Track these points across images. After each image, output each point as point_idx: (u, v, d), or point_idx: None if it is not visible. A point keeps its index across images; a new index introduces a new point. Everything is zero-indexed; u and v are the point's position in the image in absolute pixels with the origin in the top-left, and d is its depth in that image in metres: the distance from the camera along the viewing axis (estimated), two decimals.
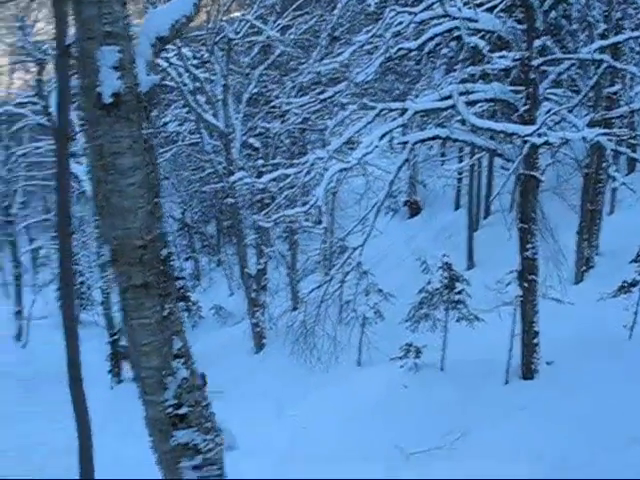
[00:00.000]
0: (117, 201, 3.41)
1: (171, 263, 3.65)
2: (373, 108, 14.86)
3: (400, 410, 14.78)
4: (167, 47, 3.92)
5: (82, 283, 33.08)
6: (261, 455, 12.30)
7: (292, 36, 22.47)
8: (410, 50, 14.52)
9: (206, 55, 22.33)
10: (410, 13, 13.30)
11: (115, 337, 23.54)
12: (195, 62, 21.81)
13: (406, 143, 14.39)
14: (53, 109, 24.05)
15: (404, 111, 14.34)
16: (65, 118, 6.48)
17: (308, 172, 15.22)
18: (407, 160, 14.80)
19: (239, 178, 18.16)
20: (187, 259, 35.23)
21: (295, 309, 20.80)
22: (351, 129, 15.22)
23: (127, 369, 23.71)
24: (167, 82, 21.15)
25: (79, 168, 24.01)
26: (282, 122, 20.82)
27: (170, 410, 3.83)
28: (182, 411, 3.85)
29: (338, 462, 12.50)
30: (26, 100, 27.96)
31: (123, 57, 3.31)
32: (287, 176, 16.06)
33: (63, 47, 6.55)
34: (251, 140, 23.19)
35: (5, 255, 40.14)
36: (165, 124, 26.36)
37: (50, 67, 25.24)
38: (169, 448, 3.94)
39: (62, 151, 6.28)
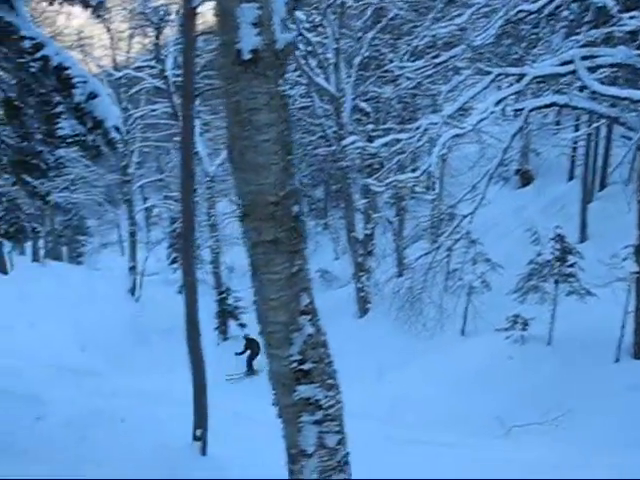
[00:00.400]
0: (251, 157, 3.45)
1: (301, 220, 3.68)
2: (489, 73, 14.46)
3: (503, 382, 14.59)
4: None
5: None
6: (361, 417, 12.42)
7: None
8: (530, 12, 14.02)
9: (318, 19, 22.28)
10: None
11: (223, 296, 24.25)
12: (307, 25, 21.81)
13: (521, 110, 13.95)
14: (169, 72, 24.74)
15: (521, 77, 13.87)
16: (190, 77, 6.64)
17: (420, 137, 15.04)
18: (522, 128, 14.37)
19: (351, 142, 18.15)
20: None
21: (401, 275, 20.75)
22: (466, 94, 14.89)
23: (233, 327, 24.47)
24: None
25: None
26: (394, 86, 20.57)
27: (294, 365, 3.89)
28: (306, 367, 3.90)
29: (436, 430, 12.50)
30: (144, 64, 28.85)
31: (262, 14, 3.32)
32: (398, 141, 15.91)
33: (189, 8, 6.71)
34: (362, 104, 23.08)
35: (121, 213, 41.90)
36: None
37: (167, 31, 25.94)
38: (291, 402, 4.00)
39: (187, 109, 6.46)
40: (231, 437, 9.30)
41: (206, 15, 15.40)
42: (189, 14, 6.41)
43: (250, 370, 21.23)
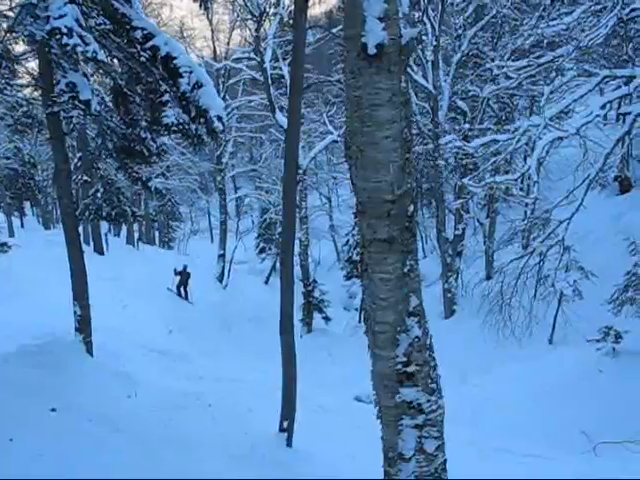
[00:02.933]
0: (371, 153, 3.40)
1: (415, 220, 3.61)
2: (595, 75, 13.98)
3: (591, 396, 14.08)
4: None
5: (281, 233, 34.57)
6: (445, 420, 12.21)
7: None
8: None
9: (417, 14, 22.04)
10: None
11: (309, 288, 24.38)
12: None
13: (628, 114, 13.45)
14: (267, 64, 25.00)
15: (630, 79, 13.37)
16: (300, 70, 6.65)
17: (519, 139, 14.69)
18: (627, 133, 13.86)
19: (449, 141, 17.87)
20: None
21: (489, 278, 20.34)
22: (570, 96, 14.45)
23: (317, 319, 24.58)
24: None
25: (285, 121, 24.85)
26: (493, 86, 20.17)
27: (399, 367, 3.83)
28: (410, 369, 3.84)
29: (519, 439, 12.18)
30: (243, 56, 29.27)
31: (389, 8, 3.27)
32: (496, 142, 15.59)
33: (301, 2, 6.72)
34: (459, 103, 22.72)
35: (213, 201, 42.76)
36: None
37: (267, 25, 26.20)
38: (393, 404, 3.95)
39: (294, 102, 6.48)
40: (316, 430, 9.31)
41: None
42: (301, 7, 6.42)
43: (179, 295, 25.00)
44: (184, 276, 24.98)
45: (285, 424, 8.34)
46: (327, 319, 24.14)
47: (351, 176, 3.60)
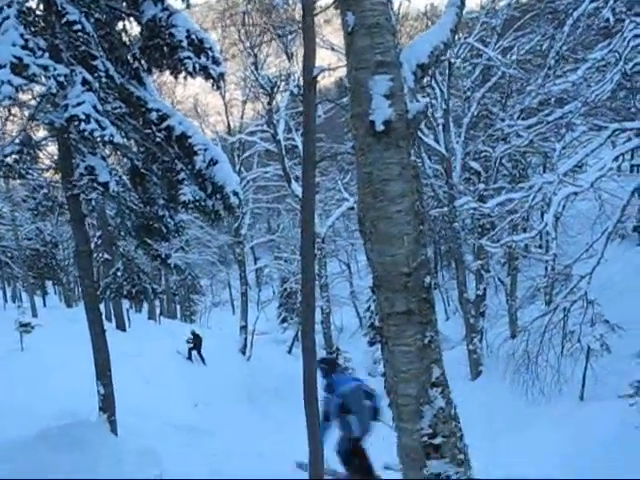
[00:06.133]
0: (384, 228, 3.44)
1: (432, 291, 3.61)
2: (605, 128, 14.09)
3: (630, 454, 13.67)
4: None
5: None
6: None
7: (514, 57, 21.94)
8: None
9: (425, 80, 22.43)
10: None
11: (333, 356, 24.18)
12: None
13: None
14: (281, 136, 25.45)
15: None
16: (312, 143, 6.78)
17: (534, 196, 14.73)
18: None
19: (464, 202, 17.94)
20: None
21: (514, 337, 20.08)
22: (582, 151, 14.53)
23: None
24: None
25: (300, 190, 25.11)
26: (505, 145, 20.32)
27: (425, 439, 3.78)
28: (437, 441, 3.78)
29: None
30: (256, 128, 29.87)
31: (394, 85, 3.35)
32: (511, 200, 15.63)
33: (310, 78, 6.90)
34: (472, 163, 22.89)
35: (232, 272, 42.95)
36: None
37: (278, 98, 26.81)
38: (421, 477, 3.88)
39: (308, 174, 6.59)
40: None
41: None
42: (310, 83, 6.59)
43: (189, 359, 25.66)
44: (197, 340, 25.85)
45: None
46: None
47: (366, 251, 3.63)
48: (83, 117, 8.13)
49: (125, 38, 10.27)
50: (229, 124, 34.13)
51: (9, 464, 8.81)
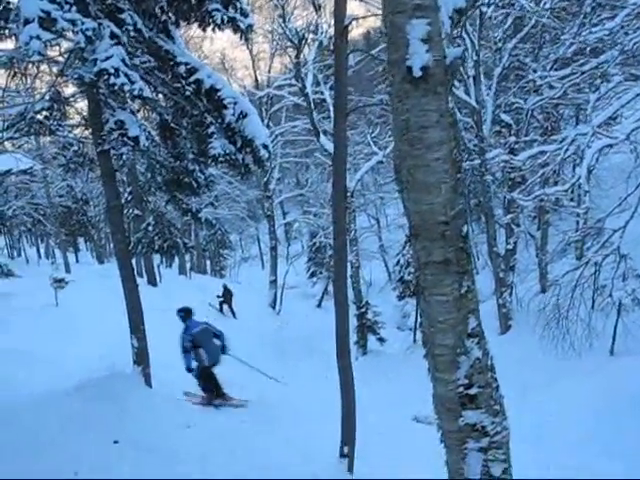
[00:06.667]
0: (422, 176, 3.38)
1: (469, 240, 3.56)
2: None
3: None
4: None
5: (331, 256, 34.64)
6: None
7: (547, 5, 21.32)
8: None
9: (456, 31, 21.93)
10: None
11: (362, 310, 24.24)
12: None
13: None
14: (309, 89, 25.20)
15: None
16: (343, 94, 6.68)
17: (567, 149, 14.47)
18: None
19: (495, 155, 17.68)
20: None
21: (544, 291, 19.94)
22: (617, 102, 14.18)
23: (372, 341, 24.41)
24: None
25: (332, 145, 24.95)
26: (537, 97, 19.89)
27: (460, 390, 3.77)
28: (472, 391, 3.77)
29: (589, 459, 11.82)
30: (284, 82, 29.61)
31: (432, 29, 3.25)
32: (543, 153, 15.37)
33: (341, 27, 6.77)
34: (503, 116, 22.49)
35: (261, 227, 43.12)
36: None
37: (306, 50, 26.48)
38: (456, 428, 3.88)
39: (340, 125, 6.51)
40: (376, 455, 9.22)
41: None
42: (341, 32, 6.46)
43: (221, 312, 26.40)
44: (228, 294, 26.55)
45: (346, 450, 8.28)
46: (382, 340, 23.94)
47: (402, 200, 3.57)
48: (112, 71, 8.10)
49: None
50: (257, 78, 33.93)
51: (49, 414, 9.05)
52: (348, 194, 24.34)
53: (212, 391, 12.22)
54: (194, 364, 11.91)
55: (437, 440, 4.15)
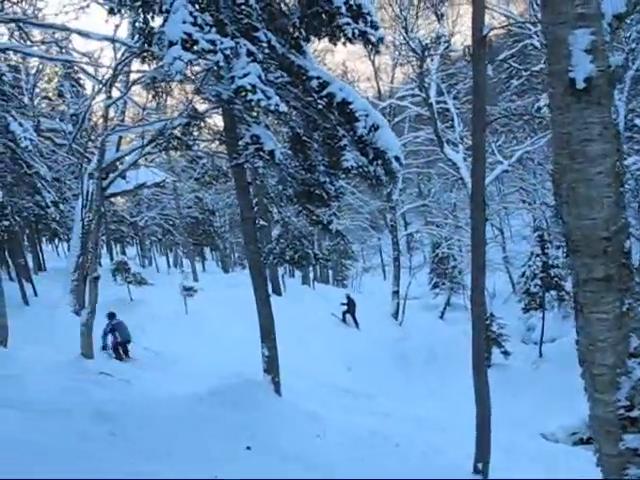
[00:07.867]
0: (583, 190, 3.28)
1: (631, 256, 3.42)
2: None
3: None
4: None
5: (454, 267, 34.12)
6: None
7: None
8: None
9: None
10: None
11: (487, 322, 23.70)
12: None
13: None
14: (433, 99, 25.05)
15: None
16: (482, 103, 6.58)
17: None
18: None
19: (632, 163, 16.94)
20: None
21: None
22: None
23: (496, 354, 23.82)
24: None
25: (456, 155, 24.64)
26: None
27: (621, 412, 3.61)
28: (634, 414, 3.60)
29: None
30: (407, 93, 29.55)
31: (596, 39, 3.16)
32: None
33: (479, 38, 6.68)
34: (636, 121, 21.53)
35: (384, 238, 43.08)
36: (539, 109, 25.66)
37: (428, 60, 26.32)
38: (615, 452, 3.71)
39: (479, 134, 6.42)
40: (509, 473, 8.97)
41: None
42: (479, 42, 6.38)
43: (344, 321, 26.79)
44: (351, 304, 26.72)
45: (480, 466, 8.12)
46: (506, 353, 23.29)
47: (561, 214, 3.47)
48: (249, 87, 8.33)
49: (284, 8, 10.38)
50: (379, 89, 34.03)
51: (185, 417, 9.39)
52: None
53: (120, 354, 17.36)
54: (110, 342, 17.39)
55: (567, 458, 4.00)
